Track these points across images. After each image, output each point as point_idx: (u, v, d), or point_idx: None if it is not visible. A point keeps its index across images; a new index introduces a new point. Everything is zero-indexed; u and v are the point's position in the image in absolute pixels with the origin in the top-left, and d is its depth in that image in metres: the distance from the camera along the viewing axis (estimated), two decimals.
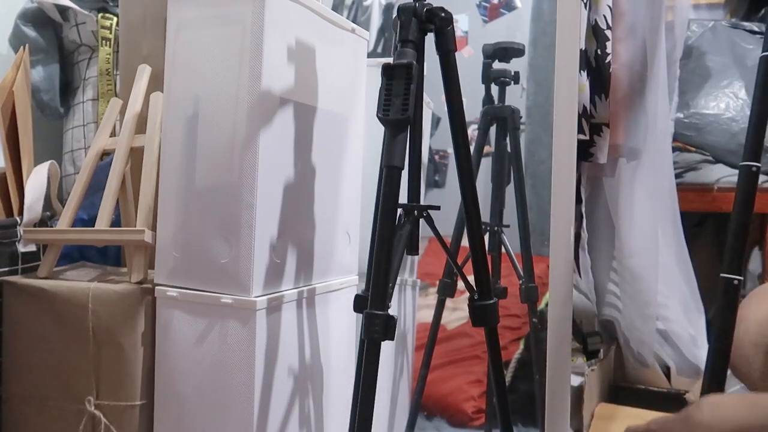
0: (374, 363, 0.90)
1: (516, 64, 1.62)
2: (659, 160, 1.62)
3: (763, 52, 1.03)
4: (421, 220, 1.05)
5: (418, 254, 1.09)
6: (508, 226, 1.60)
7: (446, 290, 1.56)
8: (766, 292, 0.96)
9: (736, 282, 0.93)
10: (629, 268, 1.59)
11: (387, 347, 1.47)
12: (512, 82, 1.60)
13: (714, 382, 0.87)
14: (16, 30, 1.78)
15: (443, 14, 1.00)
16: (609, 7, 1.32)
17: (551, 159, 1.18)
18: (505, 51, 1.57)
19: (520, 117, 1.60)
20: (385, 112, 0.91)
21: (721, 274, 0.96)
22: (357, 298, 1.09)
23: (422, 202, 1.06)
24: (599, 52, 1.31)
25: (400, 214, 1.04)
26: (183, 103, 1.06)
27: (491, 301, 1.05)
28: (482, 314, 1.06)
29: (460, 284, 1.50)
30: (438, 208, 1.06)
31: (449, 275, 1.56)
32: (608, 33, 1.32)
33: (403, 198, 1.02)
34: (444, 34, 1.01)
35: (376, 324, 0.89)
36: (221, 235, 1.01)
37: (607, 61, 1.32)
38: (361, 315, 0.93)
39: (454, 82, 1.02)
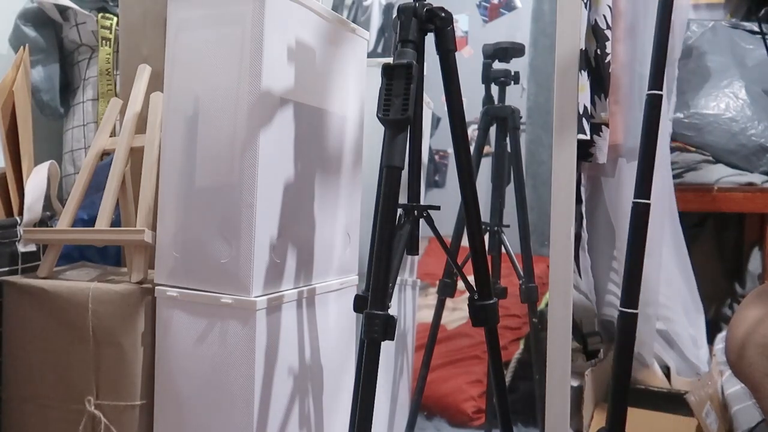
0: (374, 363, 0.90)
1: (516, 65, 1.62)
2: (659, 160, 1.62)
3: (648, 90, 1.07)
4: (421, 220, 1.05)
5: (418, 254, 1.09)
6: (508, 226, 1.60)
7: (446, 290, 1.56)
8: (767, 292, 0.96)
9: None
10: None
11: (387, 347, 1.47)
12: (512, 82, 1.60)
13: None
14: (16, 30, 1.78)
15: (443, 14, 1.00)
16: (609, 6, 1.32)
17: (551, 159, 1.18)
18: (505, 51, 1.57)
19: (520, 117, 1.60)
20: (385, 112, 0.91)
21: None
22: (357, 298, 1.09)
23: (422, 202, 1.06)
24: (599, 51, 1.31)
25: (400, 214, 1.05)
26: (183, 103, 1.06)
27: (491, 301, 1.05)
28: (482, 314, 1.05)
29: (460, 284, 1.50)
30: (438, 208, 1.06)
31: (449, 275, 1.56)
32: (608, 33, 1.32)
33: (403, 198, 1.02)
34: (444, 34, 1.01)
35: (375, 324, 0.90)
36: (221, 235, 1.01)
37: (606, 60, 1.32)
38: (361, 315, 0.93)
39: (454, 82, 1.02)
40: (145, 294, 1.08)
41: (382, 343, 0.90)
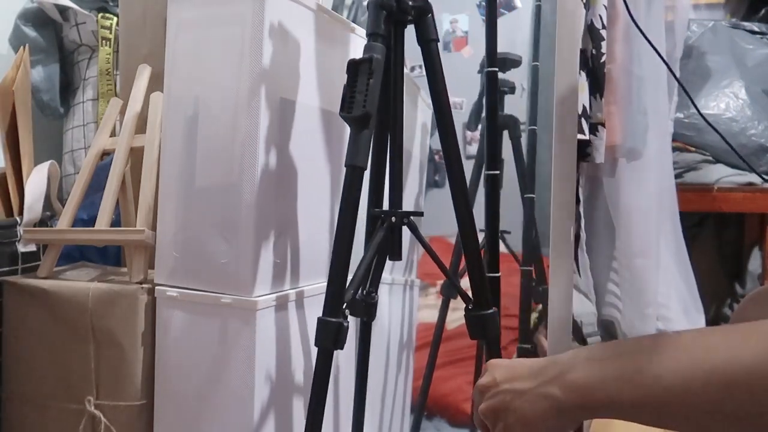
0: (326, 372, 0.87)
1: (514, 75, 1.66)
2: (659, 160, 1.62)
3: (487, 67, 1.18)
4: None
5: (401, 259, 1.04)
6: (509, 233, 1.61)
7: (451, 290, 1.56)
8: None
9: None
10: (630, 269, 1.59)
11: (388, 347, 1.47)
12: (510, 91, 1.63)
13: None
14: (16, 30, 1.78)
15: (416, 3, 0.94)
16: (604, 6, 1.32)
17: (551, 160, 1.18)
18: (503, 61, 1.60)
19: (522, 125, 1.62)
20: (348, 109, 0.87)
21: None
22: None
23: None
24: (594, 51, 1.31)
25: (381, 218, 1.01)
26: (183, 103, 1.06)
27: (490, 311, 0.96)
28: (480, 325, 0.97)
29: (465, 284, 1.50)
30: (421, 214, 1.01)
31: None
32: (603, 33, 1.32)
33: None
34: (422, 24, 0.96)
35: (327, 331, 0.86)
36: (221, 235, 1.01)
37: (602, 60, 1.32)
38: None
39: (437, 73, 0.97)
40: (145, 294, 1.08)
41: (382, 342, 0.89)
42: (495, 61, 1.20)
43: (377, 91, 0.88)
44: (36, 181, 1.24)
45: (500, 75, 1.61)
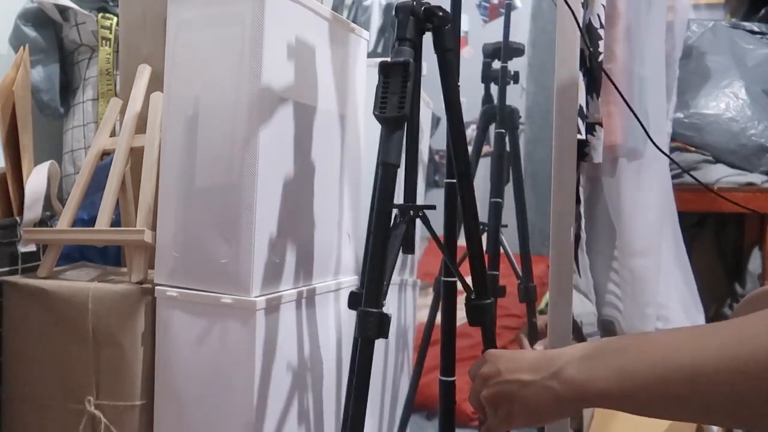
0: (368, 361, 0.89)
1: (516, 64, 1.63)
2: (659, 160, 1.62)
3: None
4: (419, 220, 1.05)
5: (413, 253, 1.08)
6: (506, 226, 1.61)
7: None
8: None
9: None
10: (630, 269, 1.59)
11: (387, 347, 1.47)
12: (512, 81, 1.60)
13: None
14: (16, 30, 1.78)
15: (441, 13, 0.99)
16: (603, 5, 1.32)
17: (551, 159, 1.17)
18: (507, 51, 1.57)
19: (519, 117, 1.60)
20: (381, 109, 0.90)
21: None
22: (352, 294, 1.08)
23: (422, 202, 1.06)
24: (592, 51, 1.31)
25: (395, 214, 1.04)
26: (183, 103, 1.06)
27: (488, 301, 1.04)
28: (479, 314, 1.05)
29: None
30: (434, 207, 1.05)
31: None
32: (601, 32, 1.32)
33: (400, 197, 1.02)
34: (442, 33, 1.00)
35: (370, 322, 0.89)
36: (221, 235, 1.01)
37: (599, 60, 1.32)
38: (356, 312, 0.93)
39: (452, 82, 1.00)
40: (145, 294, 1.08)
41: (381, 342, 0.90)
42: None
43: (411, 93, 0.92)
44: (36, 181, 1.24)
45: (503, 65, 1.61)
